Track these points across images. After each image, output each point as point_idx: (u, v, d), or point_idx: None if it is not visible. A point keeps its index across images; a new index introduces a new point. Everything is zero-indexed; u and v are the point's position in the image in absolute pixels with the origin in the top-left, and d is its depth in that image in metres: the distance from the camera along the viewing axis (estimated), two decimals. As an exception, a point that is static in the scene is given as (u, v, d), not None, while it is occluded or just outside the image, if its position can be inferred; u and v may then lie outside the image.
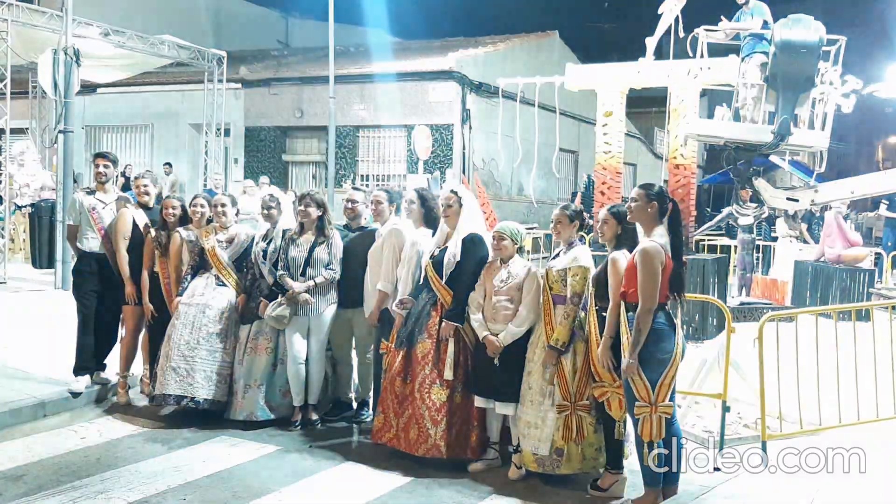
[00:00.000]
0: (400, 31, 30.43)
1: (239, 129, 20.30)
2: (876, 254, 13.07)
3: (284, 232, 5.99)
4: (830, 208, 12.84)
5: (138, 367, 6.60)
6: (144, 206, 6.63)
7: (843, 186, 9.42)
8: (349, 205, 6.19)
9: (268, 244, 6.04)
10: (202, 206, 6.33)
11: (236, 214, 6.34)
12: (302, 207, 5.89)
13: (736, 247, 12.98)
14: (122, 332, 6.60)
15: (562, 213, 4.96)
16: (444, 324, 5.07)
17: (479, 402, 5.05)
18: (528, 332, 4.95)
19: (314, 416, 5.92)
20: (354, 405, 6.19)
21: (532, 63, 19.38)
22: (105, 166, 6.58)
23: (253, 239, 6.20)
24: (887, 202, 13.63)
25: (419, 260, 5.43)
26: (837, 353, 5.60)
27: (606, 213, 4.72)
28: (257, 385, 5.85)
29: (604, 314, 4.56)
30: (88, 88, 21.33)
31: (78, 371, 6.42)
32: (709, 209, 27.35)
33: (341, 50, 20.92)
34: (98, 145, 22.37)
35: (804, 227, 15.31)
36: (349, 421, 6.06)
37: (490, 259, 5.15)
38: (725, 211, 11.18)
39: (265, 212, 6.12)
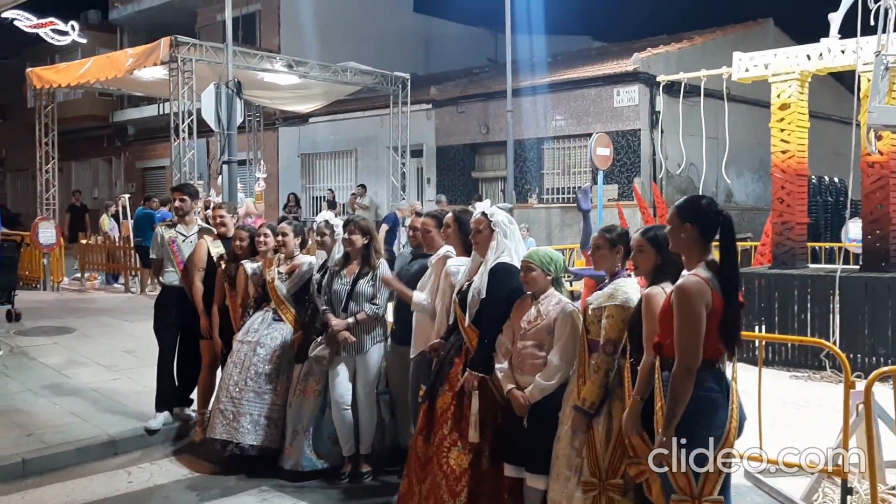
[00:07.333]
0: (601, 35, 29.47)
1: (431, 149, 20.34)
2: None
3: (326, 262, 5.46)
4: None
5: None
6: (223, 237, 6.44)
7: None
8: (410, 232, 5.54)
9: (322, 276, 5.54)
10: (265, 235, 5.96)
11: (301, 244, 5.93)
12: (346, 235, 5.32)
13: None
14: (205, 367, 6.44)
15: (601, 237, 3.93)
16: (466, 373, 4.23)
17: (509, 470, 4.13)
18: (564, 386, 3.98)
19: (365, 468, 5.30)
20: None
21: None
22: (181, 200, 6.46)
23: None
24: None
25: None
26: None
27: (640, 237, 3.63)
28: (304, 431, 5.35)
29: (638, 368, 3.49)
30: (302, 118, 22.67)
31: (158, 407, 6.34)
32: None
33: (532, 61, 20.23)
34: (312, 172, 23.57)
35: None
36: (408, 472, 5.36)
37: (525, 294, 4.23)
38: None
39: (318, 239, 5.63)
